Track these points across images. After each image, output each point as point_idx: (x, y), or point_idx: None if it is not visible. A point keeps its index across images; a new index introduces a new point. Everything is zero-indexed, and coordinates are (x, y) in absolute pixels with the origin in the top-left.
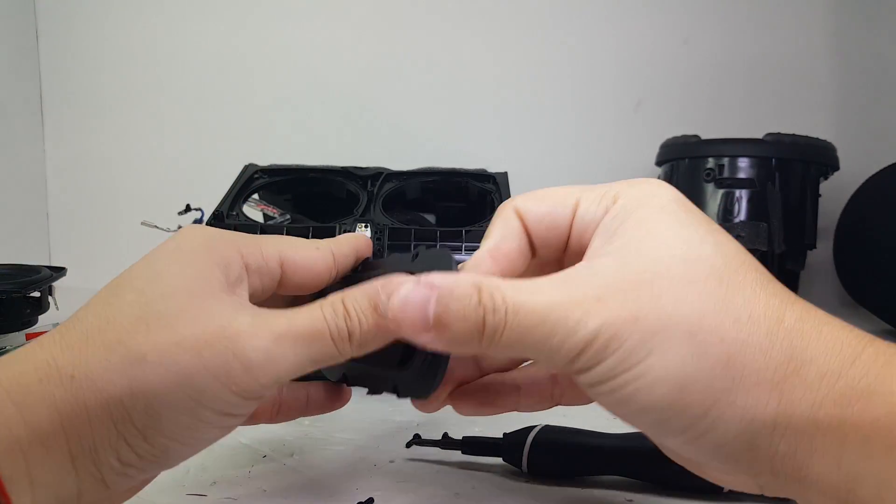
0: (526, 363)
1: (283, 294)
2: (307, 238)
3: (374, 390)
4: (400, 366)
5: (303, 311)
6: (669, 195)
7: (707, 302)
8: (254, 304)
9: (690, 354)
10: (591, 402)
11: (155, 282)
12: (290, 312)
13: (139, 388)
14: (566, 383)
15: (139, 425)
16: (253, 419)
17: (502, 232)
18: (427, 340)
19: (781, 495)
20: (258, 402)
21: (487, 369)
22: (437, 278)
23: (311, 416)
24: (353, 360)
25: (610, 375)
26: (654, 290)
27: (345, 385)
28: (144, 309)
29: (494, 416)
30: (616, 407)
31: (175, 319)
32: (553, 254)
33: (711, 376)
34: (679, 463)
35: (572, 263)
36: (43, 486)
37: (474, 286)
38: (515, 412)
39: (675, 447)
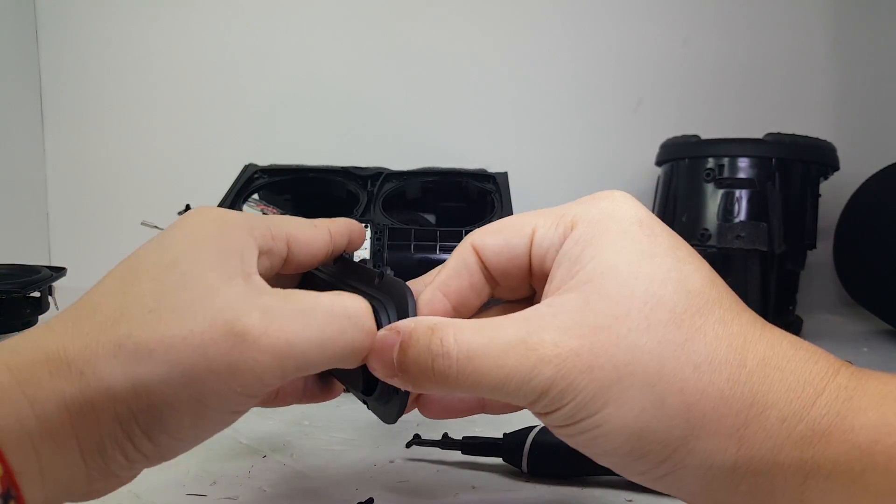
0: None
1: (283, 273)
2: None
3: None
4: (365, 392)
5: (319, 317)
6: (630, 216)
7: (666, 349)
8: None
9: (649, 405)
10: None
11: (171, 270)
12: (302, 313)
13: (143, 388)
14: None
15: (143, 426)
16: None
17: (455, 267)
18: (398, 384)
19: None
20: (260, 399)
21: None
22: (403, 324)
23: (310, 414)
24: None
25: (568, 422)
26: (612, 336)
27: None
28: (159, 301)
29: (493, 416)
30: (578, 447)
31: (187, 311)
32: (518, 283)
33: (671, 426)
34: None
35: (540, 287)
36: (53, 479)
37: (429, 329)
38: (515, 413)
39: (638, 481)
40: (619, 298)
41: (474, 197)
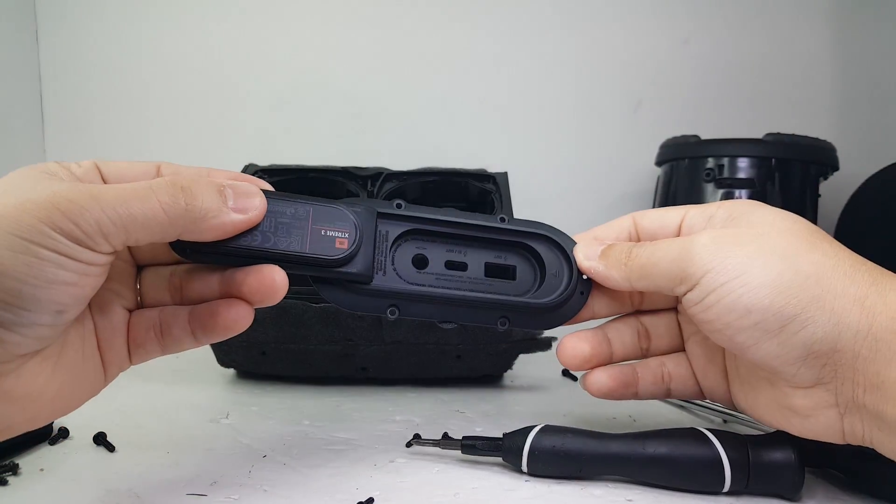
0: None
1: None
2: None
3: (466, 321)
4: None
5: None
6: (760, 203)
7: (802, 243)
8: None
9: (786, 268)
10: (702, 396)
11: None
12: (125, 186)
13: None
14: (673, 367)
15: None
16: (140, 347)
17: (611, 225)
18: (593, 269)
19: (857, 420)
20: (94, 253)
21: (616, 353)
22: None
23: (310, 414)
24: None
25: (716, 285)
26: (755, 235)
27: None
28: None
29: (505, 416)
30: (721, 316)
31: (17, 194)
32: None
33: (805, 286)
34: (758, 412)
35: None
36: None
37: (626, 242)
38: (514, 414)
39: (768, 352)
40: (761, 226)
41: (474, 197)
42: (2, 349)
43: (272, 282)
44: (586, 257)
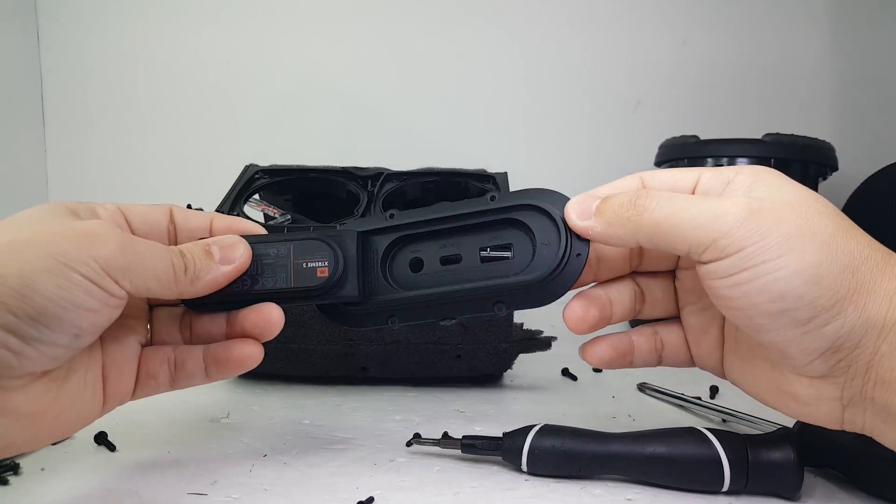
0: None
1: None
2: None
3: (464, 314)
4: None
5: (155, 245)
6: (781, 174)
7: (838, 228)
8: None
9: (825, 257)
10: (692, 364)
11: (5, 228)
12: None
13: (8, 259)
14: (666, 334)
15: (14, 285)
16: (151, 380)
17: (616, 185)
18: (589, 227)
19: (859, 412)
20: (117, 286)
21: (616, 316)
22: (595, 192)
23: (311, 413)
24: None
25: (751, 263)
26: (795, 209)
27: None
28: (20, 229)
29: (505, 415)
30: (749, 296)
31: (38, 229)
32: None
33: (841, 277)
34: (754, 389)
35: None
36: None
37: (632, 190)
38: (514, 413)
39: (789, 339)
40: (796, 203)
41: (474, 197)
42: (17, 362)
43: (269, 317)
44: (580, 216)
